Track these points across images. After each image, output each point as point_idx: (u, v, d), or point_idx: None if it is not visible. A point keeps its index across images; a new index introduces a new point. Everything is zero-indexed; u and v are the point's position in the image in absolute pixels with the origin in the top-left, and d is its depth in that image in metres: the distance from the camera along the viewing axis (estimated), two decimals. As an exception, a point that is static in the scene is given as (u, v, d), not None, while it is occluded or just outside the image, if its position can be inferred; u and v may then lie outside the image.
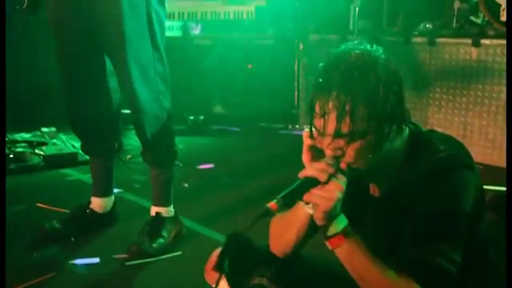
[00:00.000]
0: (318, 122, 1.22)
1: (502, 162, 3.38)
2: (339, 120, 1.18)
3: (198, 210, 2.84)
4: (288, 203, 1.22)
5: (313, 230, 1.42)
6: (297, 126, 4.75)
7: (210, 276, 1.61)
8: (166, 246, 2.33)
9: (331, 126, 1.19)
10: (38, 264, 2.18)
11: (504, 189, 2.91)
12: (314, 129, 1.27)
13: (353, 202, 1.48)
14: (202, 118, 5.22)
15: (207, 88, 5.66)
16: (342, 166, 1.24)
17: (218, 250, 1.56)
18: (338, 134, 1.20)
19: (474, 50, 3.62)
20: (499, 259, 1.54)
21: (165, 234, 2.36)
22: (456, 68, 3.73)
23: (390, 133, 1.24)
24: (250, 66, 6.15)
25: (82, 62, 2.25)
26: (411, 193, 1.28)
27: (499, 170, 3.40)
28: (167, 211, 2.44)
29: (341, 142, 1.21)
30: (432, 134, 1.36)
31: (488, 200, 2.63)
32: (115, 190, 3.07)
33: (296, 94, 4.83)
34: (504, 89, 3.50)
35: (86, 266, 2.21)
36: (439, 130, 3.95)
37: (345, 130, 1.18)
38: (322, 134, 1.23)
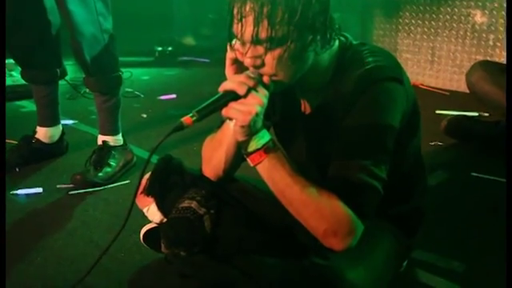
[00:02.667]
0: (237, 28, 1.12)
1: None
2: (257, 23, 1.08)
3: (152, 139, 2.77)
4: (204, 117, 1.13)
5: (243, 150, 1.36)
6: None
7: (141, 200, 1.56)
8: (113, 175, 2.27)
9: (249, 31, 1.10)
10: (-23, 195, 2.11)
11: (464, 113, 2.87)
12: (234, 39, 1.18)
13: (284, 119, 1.42)
14: (170, 48, 5.09)
15: (177, 19, 5.48)
16: (265, 79, 1.16)
17: (149, 174, 1.51)
18: (256, 40, 1.10)
19: (444, -29, 3.48)
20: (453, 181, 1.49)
21: (112, 162, 2.29)
22: (426, -9, 3.60)
23: (312, 43, 1.15)
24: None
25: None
26: (338, 108, 1.21)
27: (465, 96, 3.35)
28: (115, 140, 2.36)
29: (260, 50, 1.12)
30: (362, 47, 1.26)
31: (446, 124, 2.60)
32: (70, 122, 3.00)
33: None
34: (472, 11, 3.38)
35: (27, 195, 2.14)
36: (408, 55, 3.93)
37: (263, 34, 1.09)
38: (241, 42, 1.14)
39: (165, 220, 1.50)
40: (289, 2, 1.08)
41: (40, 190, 2.18)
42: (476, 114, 2.94)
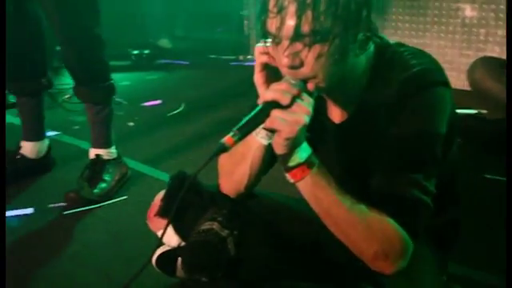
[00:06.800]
0: (273, 23, 1.00)
1: (460, 84, 3.28)
2: (300, 14, 0.96)
3: (144, 149, 2.63)
4: (246, 135, 1.01)
5: (267, 164, 1.24)
6: (248, 57, 4.51)
7: (154, 223, 1.44)
8: (109, 190, 2.13)
9: (289, 24, 0.98)
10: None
11: (466, 111, 2.82)
12: (267, 39, 1.05)
13: (310, 129, 1.30)
14: (146, 52, 4.92)
15: (150, 21, 5.31)
16: (310, 86, 1.04)
17: (161, 194, 1.39)
18: (297, 34, 0.98)
19: (431, -34, 3.43)
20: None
21: (107, 177, 2.14)
22: (413, -15, 3.54)
23: (355, 41, 1.04)
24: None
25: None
26: (381, 116, 1.11)
27: (456, 92, 3.29)
28: (108, 153, 2.21)
29: (299, 47, 1.00)
30: (402, 47, 1.16)
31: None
32: (52, 134, 2.83)
33: (246, 21, 4.53)
34: (461, 6, 3.34)
35: (17, 217, 1.97)
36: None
37: (306, 28, 0.97)
38: (278, 39, 1.01)
39: (183, 243, 1.38)
40: None
41: (31, 210, 2.01)
42: (475, 111, 2.90)
